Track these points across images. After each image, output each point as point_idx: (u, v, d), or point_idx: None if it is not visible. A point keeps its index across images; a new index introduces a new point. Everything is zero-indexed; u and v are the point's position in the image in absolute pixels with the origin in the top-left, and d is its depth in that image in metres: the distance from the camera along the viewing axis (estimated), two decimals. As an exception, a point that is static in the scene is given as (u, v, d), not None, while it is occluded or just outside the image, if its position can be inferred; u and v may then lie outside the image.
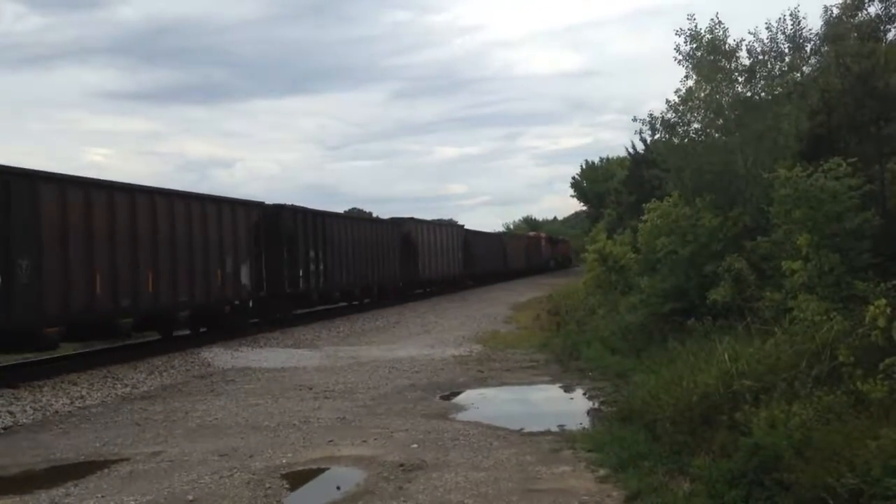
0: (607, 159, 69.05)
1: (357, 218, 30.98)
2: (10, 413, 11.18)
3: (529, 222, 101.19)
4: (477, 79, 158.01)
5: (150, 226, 16.91)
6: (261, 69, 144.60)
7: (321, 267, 25.27)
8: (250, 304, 21.35)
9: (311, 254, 24.62)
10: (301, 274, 23.78)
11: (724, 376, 7.86)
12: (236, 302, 20.66)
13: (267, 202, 23.43)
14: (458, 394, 12.26)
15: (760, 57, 14.87)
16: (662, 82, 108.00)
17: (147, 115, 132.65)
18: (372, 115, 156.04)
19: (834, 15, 15.26)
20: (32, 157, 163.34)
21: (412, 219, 36.14)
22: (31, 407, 11.62)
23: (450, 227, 43.99)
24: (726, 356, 8.22)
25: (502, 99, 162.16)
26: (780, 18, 15.32)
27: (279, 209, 23.44)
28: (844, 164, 9.98)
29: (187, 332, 19.36)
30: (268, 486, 7.25)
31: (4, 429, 10.46)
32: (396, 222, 34.82)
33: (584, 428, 9.33)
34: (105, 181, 16.22)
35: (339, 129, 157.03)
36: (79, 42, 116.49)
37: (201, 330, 19.77)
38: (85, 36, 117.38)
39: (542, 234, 73.29)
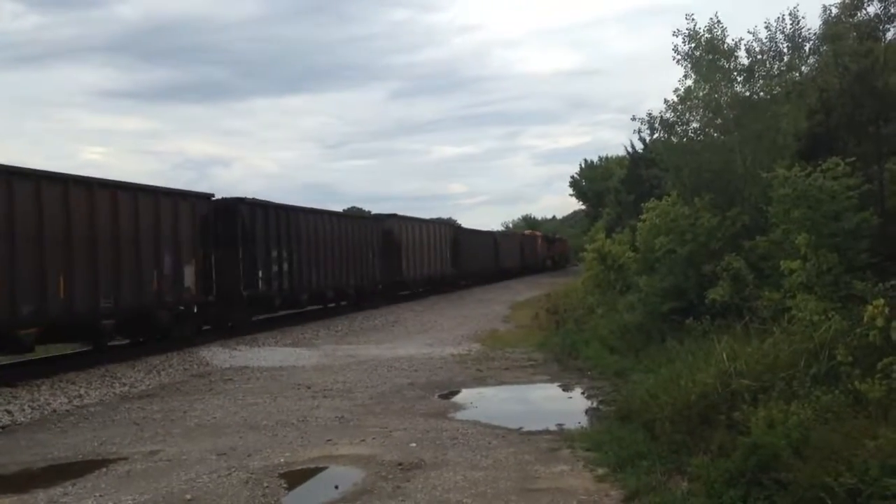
0: (606, 158, 68.94)
1: (331, 213, 27.88)
2: (8, 412, 11.18)
3: (528, 221, 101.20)
4: (476, 78, 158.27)
5: (62, 221, 14.56)
6: (260, 68, 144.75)
7: (286, 267, 23.06)
8: (195, 309, 18.96)
9: (274, 253, 22.43)
10: (261, 275, 21.62)
11: (722, 376, 7.86)
12: (181, 308, 18.37)
13: (218, 195, 20.87)
14: (456, 393, 12.26)
15: (759, 56, 14.87)
16: (662, 81, 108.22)
17: (145, 114, 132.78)
18: (371, 114, 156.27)
19: (833, 14, 15.26)
20: (30, 155, 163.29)
21: (395, 215, 34.24)
22: (29, 406, 11.62)
23: (438, 224, 41.81)
24: (725, 355, 8.22)
25: (501, 98, 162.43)
26: (779, 18, 15.35)
27: (235, 203, 21.13)
28: (843, 164, 9.98)
29: (126, 341, 17.65)
30: (266, 485, 7.25)
31: (2, 428, 10.46)
32: (377, 219, 33.08)
33: (582, 427, 9.33)
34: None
35: (339, 127, 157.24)
36: (76, 41, 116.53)
37: (141, 340, 17.88)
38: (83, 34, 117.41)
39: (538, 233, 71.82)
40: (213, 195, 20.22)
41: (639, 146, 32.02)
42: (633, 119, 16.17)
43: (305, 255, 24.43)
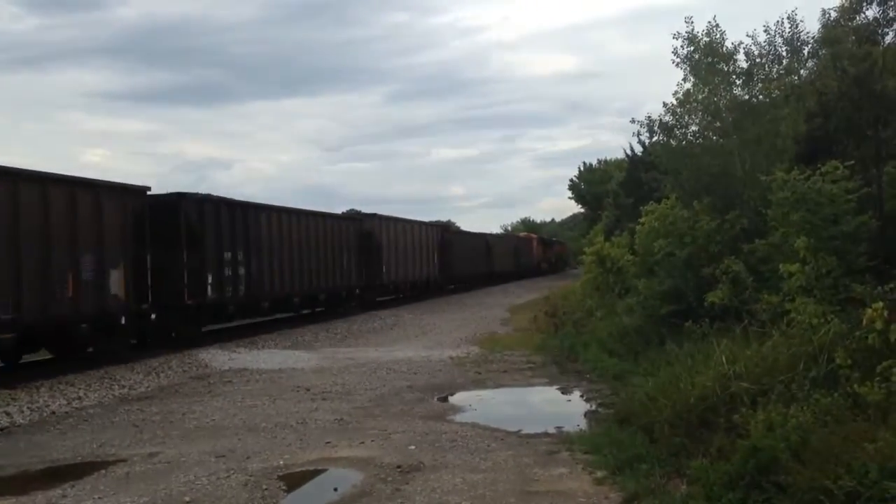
0: (605, 161, 68.90)
1: (300, 211, 25.31)
2: (7, 414, 11.17)
3: (527, 224, 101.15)
4: (475, 80, 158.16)
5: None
6: (259, 70, 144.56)
7: (242, 271, 20.64)
8: (122, 320, 16.25)
9: (228, 255, 20.06)
10: (210, 280, 19.15)
11: (721, 378, 7.86)
12: (104, 318, 15.76)
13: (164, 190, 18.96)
14: (455, 395, 12.26)
15: (758, 60, 14.90)
16: (661, 84, 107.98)
17: (145, 116, 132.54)
18: (370, 117, 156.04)
19: (832, 18, 15.32)
20: (30, 157, 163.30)
21: (375, 214, 31.71)
22: (27, 408, 11.61)
23: (423, 225, 38.99)
24: (724, 358, 8.22)
25: (500, 101, 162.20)
26: (777, 22, 15.39)
27: (177, 198, 18.73)
28: (842, 168, 10.00)
29: (37, 358, 15.94)
30: (265, 487, 7.25)
31: (1, 430, 10.45)
32: (354, 218, 30.22)
33: (581, 430, 9.35)
34: None
35: (337, 130, 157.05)
36: (76, 43, 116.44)
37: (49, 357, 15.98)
38: (83, 37, 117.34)
39: (534, 235, 70.79)
40: (147, 189, 17.76)
41: (638, 149, 32.04)
42: (633, 122, 16.24)
43: (266, 257, 22.16)
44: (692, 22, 14.39)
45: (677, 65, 14.70)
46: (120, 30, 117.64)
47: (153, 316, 17.27)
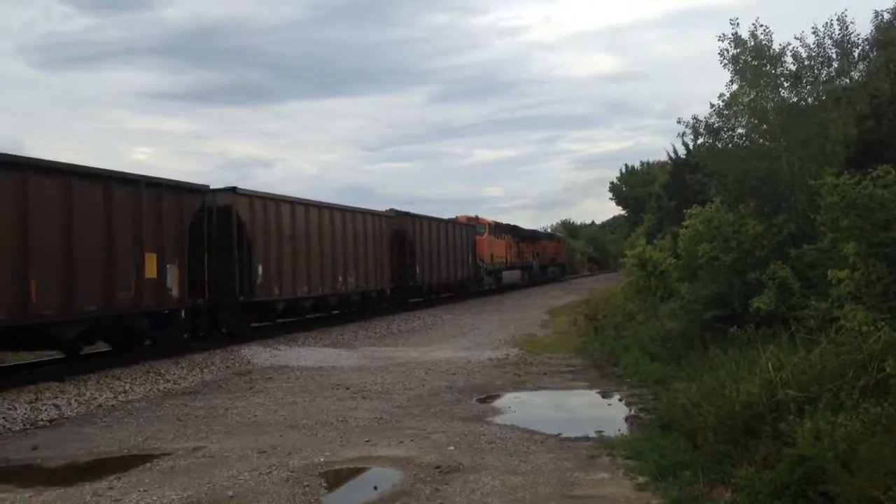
0: (648, 164, 68.09)
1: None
2: (56, 406, 11.44)
3: (567, 226, 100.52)
4: (517, 81, 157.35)
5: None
6: (301, 71, 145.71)
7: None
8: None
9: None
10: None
11: (767, 385, 7.73)
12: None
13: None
14: (494, 397, 12.24)
15: (806, 62, 14.61)
16: (704, 86, 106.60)
17: (189, 116, 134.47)
18: (411, 117, 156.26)
19: (884, 20, 14.96)
20: (80, 156, 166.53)
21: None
22: (75, 400, 11.88)
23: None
24: (770, 365, 8.08)
25: (541, 102, 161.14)
26: (826, 23, 15.05)
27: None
28: (894, 172, 9.76)
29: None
30: (306, 483, 7.32)
31: (50, 422, 10.71)
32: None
33: (622, 434, 9.25)
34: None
35: (378, 130, 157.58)
36: (124, 43, 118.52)
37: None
38: (131, 37, 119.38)
39: (488, 220, 43.11)
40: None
41: (681, 151, 31.59)
42: (679, 122, 15.94)
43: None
44: (738, 23, 14.17)
45: (724, 66, 14.48)
46: (166, 30, 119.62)
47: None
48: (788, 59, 14.27)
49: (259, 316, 20.17)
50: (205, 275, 17.47)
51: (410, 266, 29.93)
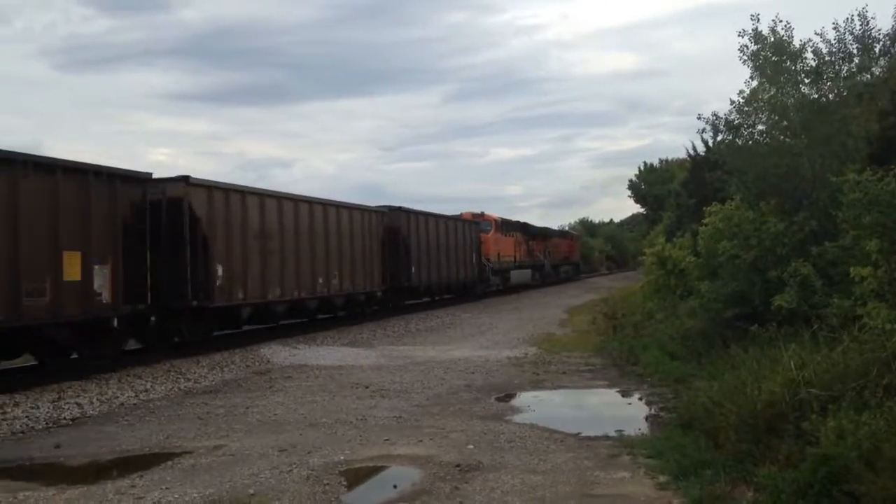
0: (667, 161, 67.66)
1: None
2: (79, 405, 11.54)
3: (585, 224, 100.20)
4: (534, 79, 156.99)
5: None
6: (319, 71, 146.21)
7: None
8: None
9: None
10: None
11: (789, 384, 7.66)
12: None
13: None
14: (513, 395, 12.22)
15: (827, 58, 14.47)
16: (723, 84, 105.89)
17: (208, 116, 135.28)
18: (428, 117, 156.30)
19: (906, 14, 14.76)
20: (99, 157, 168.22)
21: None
22: (97, 399, 11.98)
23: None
24: (792, 364, 8.01)
25: (558, 100, 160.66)
26: (847, 19, 14.88)
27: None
28: (917, 168, 9.64)
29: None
30: (326, 482, 7.34)
31: (72, 420, 10.80)
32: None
33: (642, 433, 9.21)
34: None
35: (395, 130, 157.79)
36: (143, 45, 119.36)
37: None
38: (149, 39, 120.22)
39: (494, 217, 40.76)
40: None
41: (701, 148, 31.35)
42: (699, 118, 15.83)
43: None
44: (758, 19, 14.06)
45: (744, 62, 14.36)
46: (184, 31, 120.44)
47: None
48: (809, 55, 14.14)
49: (220, 323, 18.14)
50: (147, 277, 15.29)
51: (405, 266, 27.98)
